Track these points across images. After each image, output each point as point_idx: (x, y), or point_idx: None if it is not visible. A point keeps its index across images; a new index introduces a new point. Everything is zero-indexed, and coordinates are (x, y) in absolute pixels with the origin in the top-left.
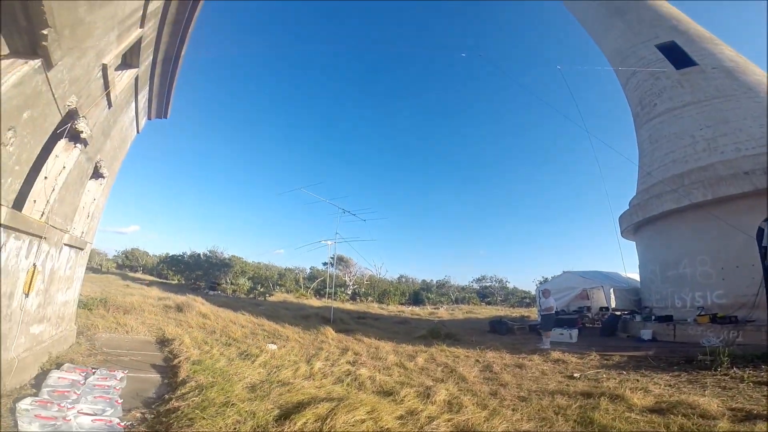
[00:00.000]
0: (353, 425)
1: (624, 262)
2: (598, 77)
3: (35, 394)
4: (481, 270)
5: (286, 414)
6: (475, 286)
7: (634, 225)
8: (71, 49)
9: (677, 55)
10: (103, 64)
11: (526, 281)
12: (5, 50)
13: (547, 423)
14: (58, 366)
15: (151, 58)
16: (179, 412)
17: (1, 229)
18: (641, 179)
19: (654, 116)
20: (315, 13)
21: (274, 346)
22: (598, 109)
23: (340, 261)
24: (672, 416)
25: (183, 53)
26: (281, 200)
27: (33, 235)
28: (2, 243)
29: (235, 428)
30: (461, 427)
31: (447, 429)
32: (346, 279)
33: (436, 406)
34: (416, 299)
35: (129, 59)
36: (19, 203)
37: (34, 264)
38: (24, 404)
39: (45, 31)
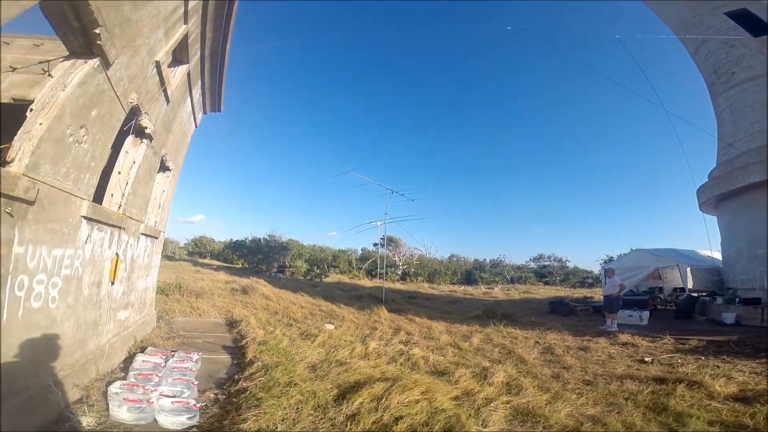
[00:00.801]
0: (407, 405)
1: (709, 239)
2: (655, 48)
3: (124, 378)
4: (538, 248)
5: (344, 393)
6: (532, 265)
7: (715, 198)
8: (124, 48)
9: (752, 23)
10: (156, 61)
11: (588, 260)
12: (65, 52)
13: (615, 408)
14: (142, 350)
15: (199, 53)
16: (248, 392)
17: (84, 221)
18: (722, 150)
19: (733, 85)
20: None
21: (331, 326)
22: (658, 78)
23: (390, 241)
24: (759, 405)
25: (228, 47)
26: (334, 184)
27: (113, 226)
28: (87, 235)
29: (297, 408)
30: (521, 410)
31: (506, 411)
32: (396, 259)
33: (493, 388)
34: (469, 279)
35: (179, 56)
36: (98, 197)
37: (116, 253)
38: (114, 388)
39: (97, 30)
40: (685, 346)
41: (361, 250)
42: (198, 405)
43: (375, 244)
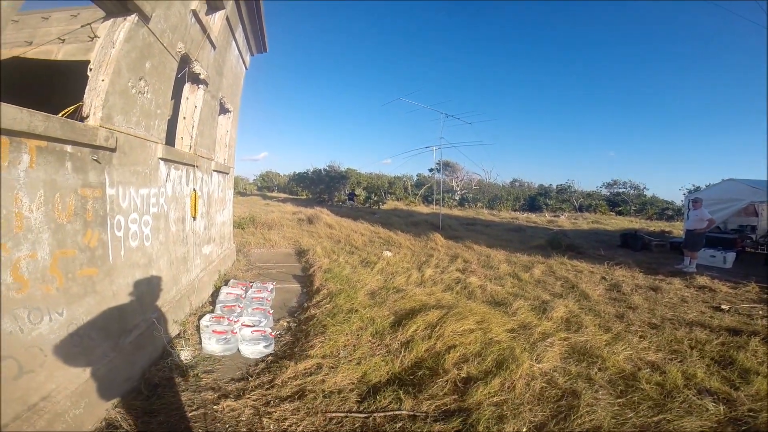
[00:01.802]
0: (461, 335)
1: None
2: None
3: (212, 311)
4: (612, 174)
5: (400, 320)
6: (605, 192)
7: None
8: (157, 1)
9: None
10: (192, 10)
11: (669, 189)
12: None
13: (678, 356)
14: (226, 282)
15: None
16: (315, 319)
17: (162, 162)
18: None
19: None
20: None
21: (389, 254)
22: None
23: (446, 166)
24: None
25: None
26: (386, 111)
27: (187, 164)
28: (166, 174)
29: (358, 334)
30: (578, 349)
31: (562, 348)
32: (453, 184)
33: (552, 323)
34: (532, 205)
35: (213, 2)
36: (170, 141)
37: (194, 189)
38: (204, 321)
39: None
40: None
41: (417, 176)
42: (273, 333)
43: (431, 170)
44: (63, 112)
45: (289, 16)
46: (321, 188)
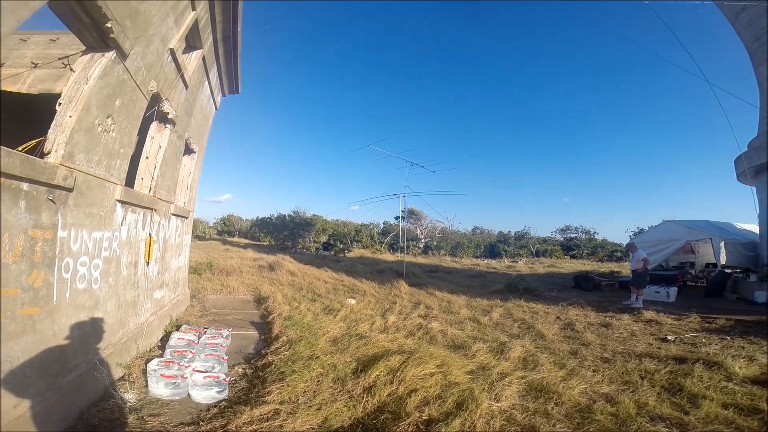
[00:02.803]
0: (422, 378)
1: (755, 207)
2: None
3: (161, 355)
4: (565, 220)
5: (362, 366)
6: (559, 237)
7: (755, 168)
8: (138, 38)
9: None
10: (170, 49)
11: (617, 232)
12: (83, 48)
13: (630, 387)
14: (177, 327)
15: (212, 38)
16: (273, 366)
17: (119, 205)
18: (763, 119)
19: None
20: None
21: (353, 301)
22: (696, 47)
23: (411, 214)
24: None
25: (239, 29)
26: (354, 158)
27: (145, 207)
28: (122, 217)
29: (318, 380)
30: (535, 386)
31: (519, 386)
32: (418, 232)
33: (509, 363)
34: (492, 252)
35: (192, 42)
36: (129, 181)
37: (150, 234)
38: (152, 365)
39: (109, 24)
40: (711, 325)
41: (383, 223)
42: (227, 379)
43: (396, 218)
44: (23, 147)
45: (260, 57)
46: (285, 234)
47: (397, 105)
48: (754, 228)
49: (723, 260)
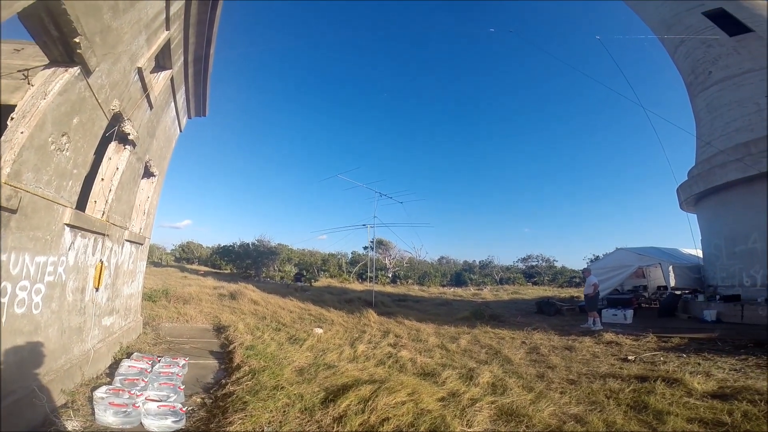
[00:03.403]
0: (394, 407)
1: (692, 236)
2: (636, 48)
3: (109, 383)
4: (527, 249)
5: (331, 396)
6: (521, 266)
7: (695, 196)
8: (105, 55)
9: (728, 22)
10: (138, 68)
11: (575, 260)
12: (44, 60)
13: (597, 407)
14: (128, 355)
15: (183, 59)
16: (234, 396)
17: (68, 229)
18: (700, 149)
19: (710, 84)
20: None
21: (320, 330)
22: (642, 79)
23: (380, 244)
24: (736, 402)
25: (212, 51)
26: (323, 188)
27: (96, 233)
28: (71, 242)
29: (284, 411)
30: (505, 410)
31: (490, 411)
32: (386, 262)
33: (479, 388)
34: (458, 280)
35: (162, 61)
36: (81, 204)
37: (100, 260)
38: (99, 392)
39: (77, 39)
40: (667, 344)
41: (351, 253)
42: (184, 409)
43: (365, 247)
44: None
45: (230, 81)
46: (248, 263)
47: (366, 135)
48: (698, 252)
49: (672, 283)
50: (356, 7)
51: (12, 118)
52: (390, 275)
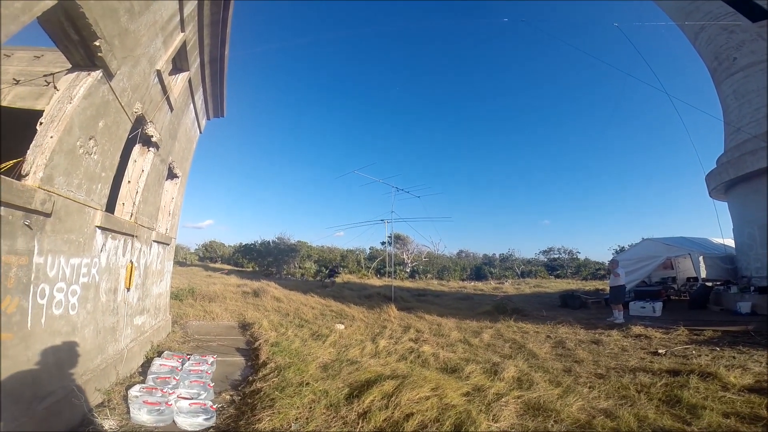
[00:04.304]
0: (418, 402)
1: (720, 227)
2: (655, 36)
3: (142, 381)
4: (548, 242)
5: (356, 392)
6: (542, 258)
7: (725, 184)
8: (125, 58)
9: (749, 8)
10: (157, 70)
11: (599, 251)
12: (66, 62)
13: (628, 401)
14: (159, 354)
15: (199, 60)
16: (262, 393)
17: (99, 231)
18: (729, 136)
19: (736, 71)
20: None
21: (341, 326)
22: (662, 66)
23: (398, 239)
24: None
25: (227, 52)
26: (340, 184)
27: (126, 234)
28: (102, 244)
29: (310, 407)
30: (532, 405)
31: (516, 406)
32: (404, 257)
33: (504, 383)
34: (478, 274)
35: (179, 63)
36: (110, 206)
37: (131, 261)
38: (134, 391)
39: (97, 43)
40: (699, 337)
41: (369, 249)
42: (214, 406)
43: (383, 243)
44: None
45: (246, 81)
46: (269, 261)
47: (385, 130)
48: (729, 242)
49: (703, 274)
50: (371, 4)
51: (41, 123)
52: (408, 270)
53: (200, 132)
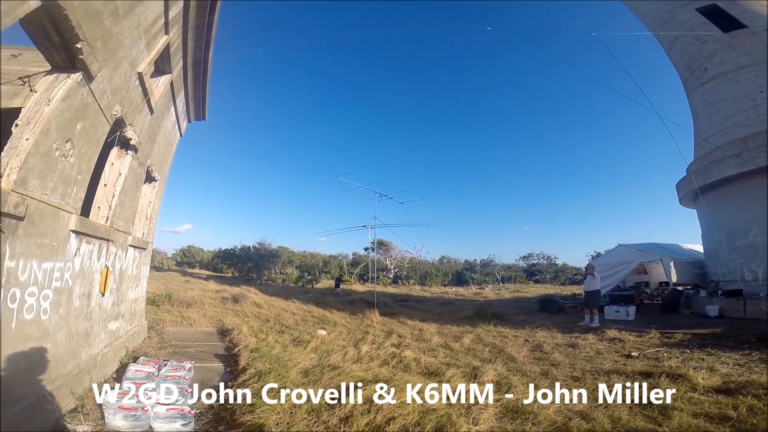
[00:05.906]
0: (400, 406)
1: (698, 232)
2: (630, 46)
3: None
4: (527, 247)
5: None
6: (522, 264)
7: (694, 192)
8: (107, 61)
9: (722, 18)
10: (139, 73)
11: (577, 257)
12: (44, 61)
13: (602, 403)
14: (135, 359)
15: (182, 63)
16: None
17: (73, 235)
18: (698, 144)
19: (706, 80)
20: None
21: (323, 332)
22: (638, 75)
23: (381, 245)
24: (741, 397)
25: (210, 55)
26: (322, 189)
27: (101, 238)
28: (76, 248)
29: (291, 412)
30: (511, 408)
31: (495, 409)
32: (387, 263)
33: (483, 387)
34: (459, 280)
35: (161, 66)
36: (85, 210)
37: (105, 265)
38: (108, 396)
39: (79, 45)
40: (670, 339)
41: (352, 254)
42: (192, 411)
43: (366, 249)
44: None
45: (229, 85)
46: (249, 266)
47: (365, 135)
48: (698, 248)
49: (674, 278)
50: (352, 6)
51: (17, 125)
52: (391, 276)
53: (180, 135)
